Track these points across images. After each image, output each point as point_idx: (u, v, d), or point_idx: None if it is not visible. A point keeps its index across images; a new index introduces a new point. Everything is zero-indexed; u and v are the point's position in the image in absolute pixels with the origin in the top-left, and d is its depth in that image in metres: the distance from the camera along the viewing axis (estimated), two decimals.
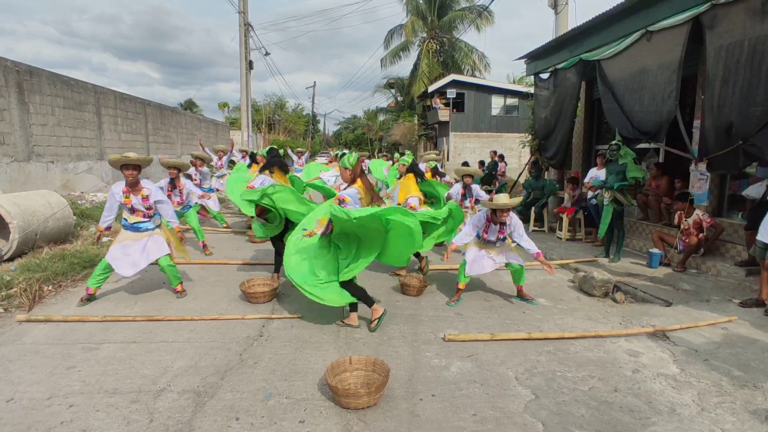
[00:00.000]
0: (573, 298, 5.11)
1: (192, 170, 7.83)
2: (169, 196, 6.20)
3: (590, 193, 7.65)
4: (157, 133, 16.42)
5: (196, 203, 7.00)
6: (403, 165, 5.97)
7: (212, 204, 7.93)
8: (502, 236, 4.79)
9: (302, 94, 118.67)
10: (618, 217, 6.41)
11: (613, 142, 6.41)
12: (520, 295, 5.00)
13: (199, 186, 7.78)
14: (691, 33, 5.34)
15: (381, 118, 42.18)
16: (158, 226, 4.68)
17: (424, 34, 28.78)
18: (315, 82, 79.72)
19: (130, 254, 4.44)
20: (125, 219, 4.59)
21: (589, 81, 8.99)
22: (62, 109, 10.87)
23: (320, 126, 65.29)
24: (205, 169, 8.10)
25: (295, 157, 14.35)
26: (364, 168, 8.11)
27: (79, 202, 9.77)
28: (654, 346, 3.78)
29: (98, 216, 8.38)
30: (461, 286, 4.84)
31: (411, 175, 5.87)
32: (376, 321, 4.01)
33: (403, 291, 5.09)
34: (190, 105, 47.20)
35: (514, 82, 26.35)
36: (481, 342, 3.80)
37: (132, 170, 4.42)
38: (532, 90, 21.30)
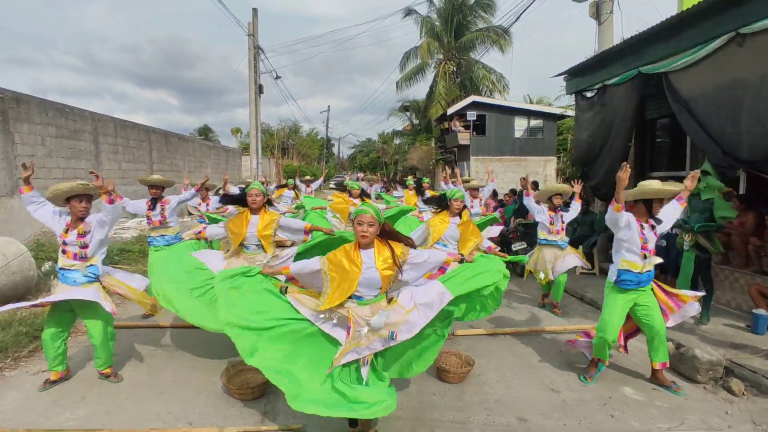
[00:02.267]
0: None
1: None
2: (148, 217, 5.41)
3: None
4: (163, 162, 15.61)
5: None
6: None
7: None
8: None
9: (316, 118, 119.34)
10: (704, 266, 5.08)
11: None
12: (658, 378, 3.73)
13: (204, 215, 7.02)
14: None
15: (396, 141, 41.28)
16: (97, 279, 3.51)
17: (441, 56, 27.96)
18: (329, 107, 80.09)
19: None
20: (57, 264, 3.53)
21: (642, 98, 7.77)
22: (54, 139, 10.04)
23: (334, 150, 65.07)
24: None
25: (303, 186, 13.34)
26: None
27: None
28: None
29: None
30: (606, 361, 3.82)
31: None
32: None
33: (439, 377, 3.80)
34: (205, 131, 47.25)
35: (531, 103, 25.24)
36: None
37: (83, 202, 3.45)
38: (556, 110, 20.35)
